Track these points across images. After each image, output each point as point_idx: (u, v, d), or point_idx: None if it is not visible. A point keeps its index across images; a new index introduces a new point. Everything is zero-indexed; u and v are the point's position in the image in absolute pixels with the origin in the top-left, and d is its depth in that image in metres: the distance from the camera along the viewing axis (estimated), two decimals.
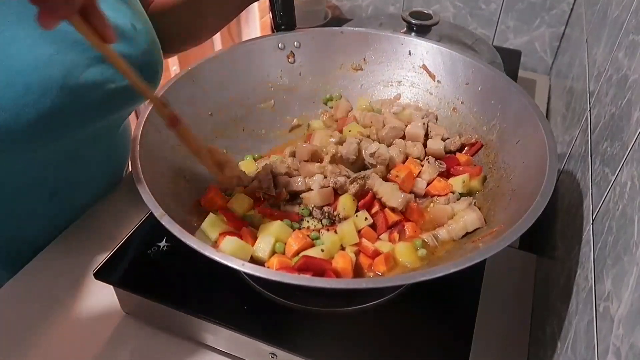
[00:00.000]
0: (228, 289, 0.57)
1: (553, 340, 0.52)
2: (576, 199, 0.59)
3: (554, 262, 0.62)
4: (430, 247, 0.57)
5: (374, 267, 0.56)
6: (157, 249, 0.61)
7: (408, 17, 0.95)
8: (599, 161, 0.53)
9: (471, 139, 0.69)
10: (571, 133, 0.74)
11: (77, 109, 0.59)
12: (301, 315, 0.55)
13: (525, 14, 1.20)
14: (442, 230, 0.58)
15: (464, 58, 0.71)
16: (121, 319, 0.62)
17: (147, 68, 0.65)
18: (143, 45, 0.63)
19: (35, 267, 0.68)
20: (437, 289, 0.56)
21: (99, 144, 0.72)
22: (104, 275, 0.58)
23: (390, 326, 0.55)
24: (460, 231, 0.58)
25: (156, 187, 0.53)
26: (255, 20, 1.60)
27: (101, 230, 0.72)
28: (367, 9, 1.38)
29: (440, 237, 0.58)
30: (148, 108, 0.60)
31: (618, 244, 0.41)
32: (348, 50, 0.78)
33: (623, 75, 0.54)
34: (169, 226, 0.47)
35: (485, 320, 0.58)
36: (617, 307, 0.37)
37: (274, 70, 0.76)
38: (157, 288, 0.57)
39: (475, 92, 0.70)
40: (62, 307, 0.63)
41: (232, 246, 0.53)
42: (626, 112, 0.48)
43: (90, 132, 0.64)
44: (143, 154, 0.55)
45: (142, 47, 0.63)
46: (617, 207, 0.43)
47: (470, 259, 0.44)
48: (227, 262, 0.44)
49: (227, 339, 0.56)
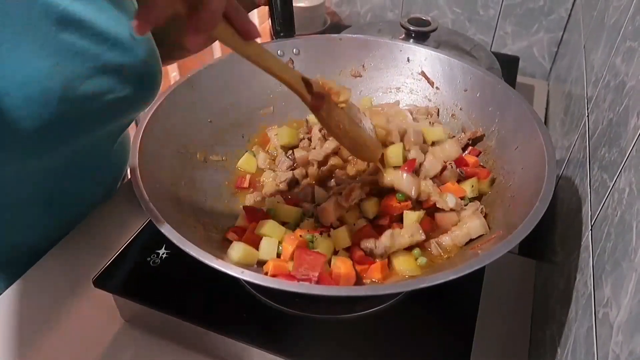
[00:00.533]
0: (228, 297, 0.57)
1: (553, 346, 0.52)
2: (575, 204, 0.59)
3: (553, 267, 0.62)
4: (434, 255, 0.57)
5: (368, 275, 0.55)
6: (156, 256, 0.61)
7: (406, 23, 0.95)
8: (597, 167, 0.54)
9: (476, 133, 0.68)
10: (570, 138, 0.74)
11: (77, 120, 0.59)
12: (301, 322, 0.55)
13: (523, 19, 1.21)
14: (446, 237, 0.58)
15: (463, 65, 0.71)
16: (120, 326, 0.62)
17: (147, 77, 0.66)
18: (142, 54, 0.64)
19: (33, 275, 0.68)
20: (437, 294, 0.56)
21: (97, 154, 0.72)
22: (103, 283, 0.58)
23: (391, 332, 0.54)
24: (464, 238, 0.57)
25: (155, 194, 0.53)
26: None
27: (100, 237, 0.72)
28: (366, 15, 1.38)
29: (444, 244, 0.58)
30: (147, 115, 0.60)
31: (617, 250, 0.41)
32: (347, 57, 0.78)
33: (620, 81, 0.54)
34: (169, 234, 0.47)
35: (485, 325, 0.58)
36: (616, 314, 0.37)
37: (272, 77, 0.76)
38: (156, 296, 0.57)
39: (474, 99, 0.70)
40: (61, 315, 0.63)
41: (239, 253, 0.54)
42: (624, 118, 0.49)
43: (89, 141, 0.64)
44: (142, 161, 0.55)
45: (141, 57, 0.64)
46: (616, 213, 0.43)
47: (469, 266, 0.44)
48: (227, 270, 0.44)
49: (227, 347, 0.56)
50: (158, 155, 0.59)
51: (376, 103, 0.79)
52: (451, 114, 0.73)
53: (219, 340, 0.55)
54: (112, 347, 0.60)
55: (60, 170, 0.66)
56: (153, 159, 0.58)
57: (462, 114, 0.72)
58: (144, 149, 0.56)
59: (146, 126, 0.59)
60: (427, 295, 0.57)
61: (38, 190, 0.66)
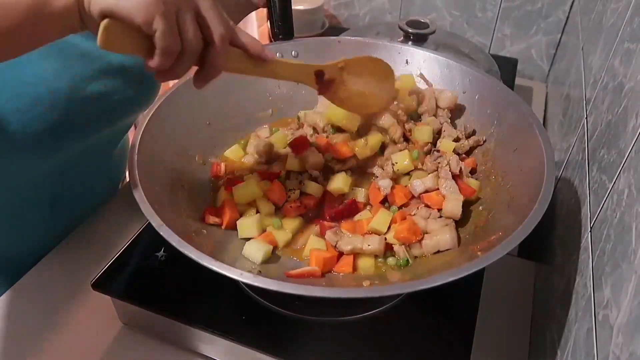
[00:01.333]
0: (227, 299, 0.57)
1: (553, 348, 0.52)
2: (574, 206, 0.59)
3: (552, 269, 0.62)
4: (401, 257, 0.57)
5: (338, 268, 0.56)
6: (155, 258, 0.61)
7: (405, 26, 0.95)
8: (596, 168, 0.54)
9: (480, 141, 0.68)
10: (568, 140, 0.74)
11: (83, 120, 0.60)
12: (301, 324, 0.55)
13: (521, 21, 1.21)
14: (416, 244, 0.57)
15: (461, 66, 0.71)
16: (119, 329, 0.61)
17: (147, 79, 0.66)
18: None
19: (32, 278, 0.67)
20: (437, 296, 0.56)
21: (100, 155, 0.72)
22: (101, 285, 0.58)
23: (390, 334, 0.54)
24: (432, 249, 0.57)
25: (154, 196, 0.52)
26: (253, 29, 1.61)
27: (99, 240, 0.72)
28: (364, 18, 1.39)
29: (413, 251, 0.57)
30: (146, 117, 0.60)
31: (616, 251, 0.41)
32: None
33: (619, 83, 0.54)
34: (167, 236, 0.47)
35: (485, 327, 0.58)
36: (616, 315, 0.37)
37: (271, 79, 0.76)
38: (155, 298, 0.57)
39: (473, 100, 0.70)
40: (60, 318, 0.62)
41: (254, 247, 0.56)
42: (622, 120, 0.49)
43: (93, 142, 0.65)
44: (141, 163, 0.55)
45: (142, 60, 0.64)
46: (615, 215, 0.43)
47: (469, 267, 0.44)
48: (225, 272, 0.44)
49: (226, 349, 0.56)
50: (157, 157, 0.59)
51: None
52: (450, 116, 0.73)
53: (218, 342, 0.55)
54: (111, 350, 0.60)
55: (64, 173, 0.66)
56: (152, 160, 0.58)
57: (460, 116, 0.72)
58: (142, 151, 0.56)
59: (145, 128, 0.59)
60: (427, 297, 0.56)
61: (42, 192, 0.66)
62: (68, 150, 0.61)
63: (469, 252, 0.55)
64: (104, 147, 0.72)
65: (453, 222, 0.59)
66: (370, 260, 0.57)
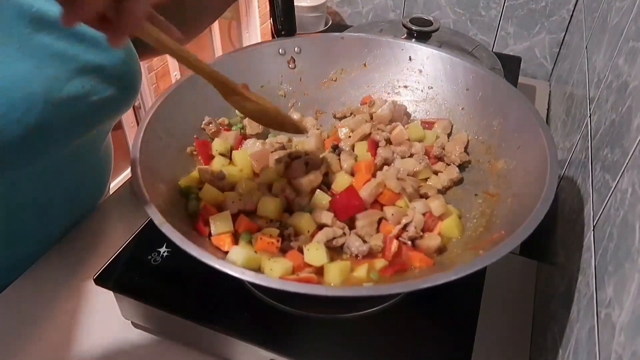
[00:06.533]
0: (229, 295, 0.57)
1: (554, 347, 0.52)
2: (577, 205, 0.59)
3: (555, 268, 0.62)
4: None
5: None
6: (157, 254, 0.61)
7: (408, 23, 0.95)
8: (600, 167, 0.53)
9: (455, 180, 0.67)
10: (571, 139, 0.74)
11: (62, 123, 0.58)
12: (302, 321, 0.55)
13: (525, 20, 1.21)
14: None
15: (465, 64, 0.71)
16: (121, 324, 0.61)
17: (126, 77, 0.65)
18: (121, 54, 0.63)
19: (35, 272, 0.68)
20: (439, 295, 0.56)
21: (84, 159, 0.70)
22: (104, 281, 0.58)
23: (391, 332, 0.54)
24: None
25: (156, 193, 0.53)
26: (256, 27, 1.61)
27: (101, 235, 0.72)
28: (368, 15, 1.38)
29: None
30: (149, 114, 0.60)
31: (619, 250, 0.41)
32: (349, 55, 0.78)
33: (623, 82, 0.54)
34: (169, 234, 0.47)
35: (486, 326, 0.58)
36: (618, 314, 0.37)
37: (274, 76, 0.76)
38: (157, 294, 0.57)
39: (476, 98, 0.70)
40: (62, 313, 0.63)
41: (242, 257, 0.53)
42: (626, 119, 0.48)
43: (75, 146, 0.63)
44: (143, 160, 0.55)
45: (120, 57, 0.63)
46: (618, 214, 0.43)
47: (471, 266, 0.44)
48: (227, 270, 0.44)
49: (228, 346, 0.56)
50: (159, 154, 0.59)
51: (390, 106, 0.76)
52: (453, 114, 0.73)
53: (219, 338, 0.55)
54: (113, 345, 0.60)
55: (48, 179, 0.64)
56: (154, 157, 0.58)
57: (463, 114, 0.72)
58: (144, 148, 0.56)
59: (147, 125, 0.58)
60: (428, 295, 0.56)
61: (27, 201, 0.64)
62: (49, 156, 0.60)
63: (471, 251, 0.55)
64: (87, 149, 0.70)
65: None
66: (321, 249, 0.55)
